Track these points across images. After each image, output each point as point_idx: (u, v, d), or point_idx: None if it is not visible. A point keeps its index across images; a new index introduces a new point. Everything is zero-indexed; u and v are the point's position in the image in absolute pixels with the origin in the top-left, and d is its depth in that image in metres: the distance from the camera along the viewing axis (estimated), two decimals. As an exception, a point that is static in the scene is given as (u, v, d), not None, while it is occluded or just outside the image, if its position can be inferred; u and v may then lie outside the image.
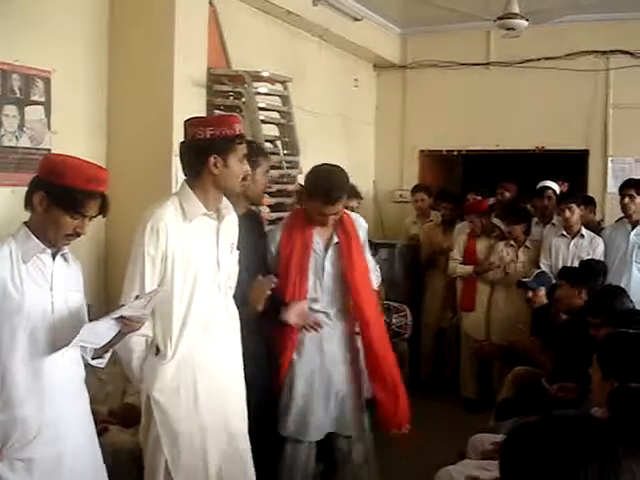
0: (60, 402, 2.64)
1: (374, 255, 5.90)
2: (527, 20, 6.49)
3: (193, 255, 3.07)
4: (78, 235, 2.63)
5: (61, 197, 2.54)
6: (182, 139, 3.18)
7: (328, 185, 3.78)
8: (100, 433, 3.54)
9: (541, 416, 1.68)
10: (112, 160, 4.84)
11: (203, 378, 3.12)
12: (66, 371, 2.67)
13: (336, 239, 3.98)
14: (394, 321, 5.87)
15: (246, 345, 3.34)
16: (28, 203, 2.61)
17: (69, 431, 2.67)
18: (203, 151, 3.07)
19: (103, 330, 2.64)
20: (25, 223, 2.63)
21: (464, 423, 5.58)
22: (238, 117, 3.38)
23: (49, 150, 4.27)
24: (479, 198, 7.12)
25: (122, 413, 4.04)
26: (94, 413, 3.89)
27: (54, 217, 2.56)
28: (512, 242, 6.56)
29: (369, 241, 5.14)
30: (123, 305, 2.73)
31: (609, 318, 4.11)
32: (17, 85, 4.22)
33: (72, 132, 4.57)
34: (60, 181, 2.54)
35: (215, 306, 3.17)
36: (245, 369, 3.33)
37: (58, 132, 4.46)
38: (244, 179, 3.24)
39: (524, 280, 6.04)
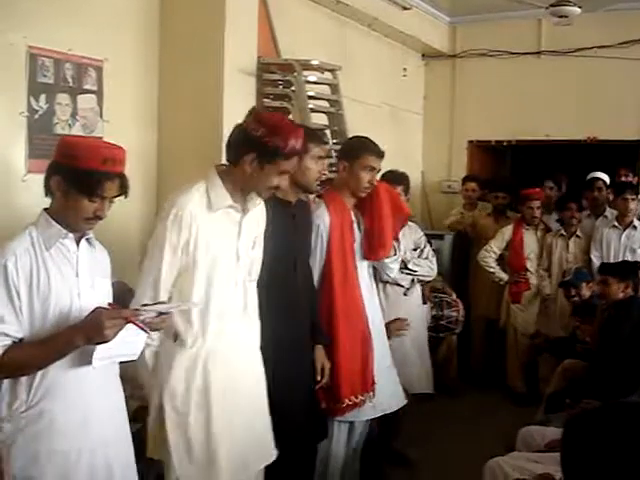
0: (90, 396, 2.54)
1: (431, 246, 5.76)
2: (580, 7, 6.39)
3: (212, 245, 2.97)
4: (99, 218, 2.52)
5: (77, 180, 2.44)
6: (233, 126, 3.07)
7: (373, 142, 4.05)
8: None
9: (603, 403, 1.61)
10: (163, 149, 4.92)
11: (216, 374, 3.00)
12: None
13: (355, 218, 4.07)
14: (445, 314, 5.76)
15: None
16: (47, 189, 2.52)
17: (98, 426, 2.56)
18: (246, 145, 2.95)
19: (132, 339, 2.49)
20: (45, 209, 2.55)
21: (512, 416, 5.54)
22: (301, 132, 3.09)
23: (102, 138, 4.30)
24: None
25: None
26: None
27: (72, 201, 2.47)
28: (563, 232, 6.47)
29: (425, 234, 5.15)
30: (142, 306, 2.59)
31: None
32: (70, 74, 4.28)
33: (124, 121, 4.62)
34: (75, 164, 2.44)
35: (230, 301, 3.06)
36: None
37: (110, 121, 4.50)
38: (270, 187, 3.04)
39: (565, 280, 5.94)
